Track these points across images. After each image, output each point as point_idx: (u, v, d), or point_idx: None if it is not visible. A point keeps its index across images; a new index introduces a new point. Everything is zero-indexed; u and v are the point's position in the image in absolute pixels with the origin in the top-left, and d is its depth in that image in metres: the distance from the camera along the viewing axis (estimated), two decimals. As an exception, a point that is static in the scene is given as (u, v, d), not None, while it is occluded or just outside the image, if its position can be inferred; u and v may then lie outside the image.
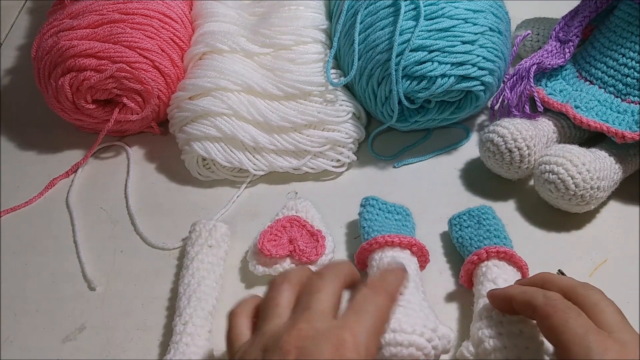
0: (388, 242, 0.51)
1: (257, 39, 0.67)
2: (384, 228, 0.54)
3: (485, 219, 0.55)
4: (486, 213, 0.55)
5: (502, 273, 0.50)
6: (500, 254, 0.51)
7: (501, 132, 0.58)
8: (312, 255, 0.54)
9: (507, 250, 0.51)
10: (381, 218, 0.55)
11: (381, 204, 0.57)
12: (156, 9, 0.66)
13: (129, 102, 0.64)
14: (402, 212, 0.57)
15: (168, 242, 0.59)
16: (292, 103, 0.64)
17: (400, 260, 0.50)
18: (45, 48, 0.63)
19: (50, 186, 0.65)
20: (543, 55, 0.64)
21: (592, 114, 0.61)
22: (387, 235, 0.52)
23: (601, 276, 0.55)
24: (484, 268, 0.50)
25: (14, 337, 0.53)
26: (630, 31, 0.61)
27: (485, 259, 0.51)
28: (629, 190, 0.61)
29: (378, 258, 0.51)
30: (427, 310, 0.46)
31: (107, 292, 0.56)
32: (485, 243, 0.52)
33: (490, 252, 0.51)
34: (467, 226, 0.55)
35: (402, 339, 0.43)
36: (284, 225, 0.56)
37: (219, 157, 0.62)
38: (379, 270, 0.48)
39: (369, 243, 0.52)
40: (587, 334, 0.38)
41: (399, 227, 0.55)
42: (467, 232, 0.54)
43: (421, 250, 0.52)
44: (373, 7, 0.63)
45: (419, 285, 0.49)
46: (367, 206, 0.56)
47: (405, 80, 0.60)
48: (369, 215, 0.55)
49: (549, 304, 0.40)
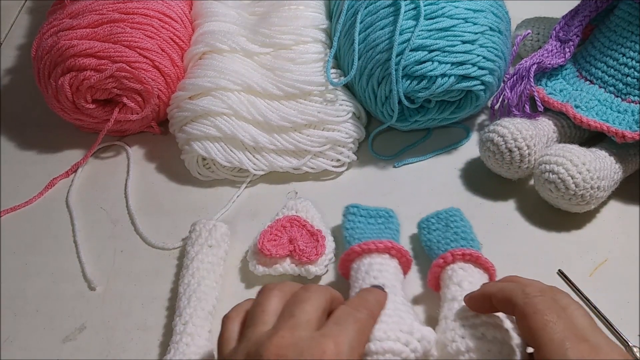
0: (365, 249, 0.51)
1: (257, 39, 0.67)
2: (365, 234, 0.53)
3: (452, 222, 0.54)
4: (454, 215, 0.55)
5: (467, 276, 0.49)
6: (465, 256, 0.50)
7: (501, 132, 0.58)
8: (312, 255, 0.54)
9: (473, 253, 0.50)
10: (362, 224, 0.55)
11: (362, 210, 0.56)
12: (156, 8, 0.66)
13: (129, 102, 0.64)
14: (384, 215, 0.56)
15: (168, 242, 0.59)
16: (292, 103, 0.64)
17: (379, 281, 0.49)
18: (45, 48, 0.63)
19: (50, 186, 0.65)
20: (543, 55, 0.64)
21: (592, 114, 0.60)
22: (363, 243, 0.51)
23: (601, 276, 0.55)
24: (450, 271, 0.50)
25: (14, 337, 0.53)
26: (631, 31, 0.61)
27: (451, 262, 0.50)
28: (629, 190, 0.60)
29: (356, 267, 0.51)
30: (404, 314, 0.45)
31: (107, 292, 0.56)
32: (452, 246, 0.52)
33: (455, 255, 0.50)
34: (435, 229, 0.55)
35: (376, 348, 0.42)
36: (284, 225, 0.56)
37: (219, 157, 0.62)
38: (358, 291, 0.47)
39: (346, 254, 0.52)
40: (565, 340, 0.37)
41: (380, 231, 0.54)
42: (434, 235, 0.54)
43: (400, 252, 0.52)
44: (373, 7, 0.63)
45: (397, 290, 0.48)
46: (347, 215, 0.56)
47: (405, 79, 0.60)
48: (350, 224, 0.55)
49: (529, 303, 0.40)
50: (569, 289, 0.54)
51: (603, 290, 0.54)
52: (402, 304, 0.47)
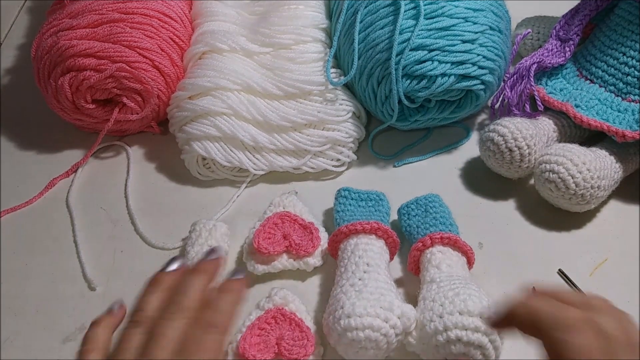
0: (351, 230, 0.52)
1: (257, 38, 0.67)
2: (354, 216, 0.55)
3: (432, 207, 0.56)
4: (433, 201, 0.57)
5: (445, 258, 0.51)
6: (444, 239, 0.52)
7: (501, 131, 0.58)
8: (309, 248, 0.55)
9: (451, 236, 0.52)
10: (352, 207, 0.57)
11: (353, 193, 0.58)
12: (156, 8, 0.66)
13: (129, 101, 0.64)
14: (374, 198, 0.58)
15: (168, 242, 0.59)
16: (292, 102, 0.64)
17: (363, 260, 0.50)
18: (45, 48, 0.63)
19: (50, 186, 0.65)
20: (543, 54, 0.64)
21: (593, 113, 0.60)
22: (350, 224, 0.53)
23: (601, 276, 0.55)
24: (429, 254, 0.51)
25: (14, 337, 0.53)
26: (631, 30, 0.61)
27: (430, 246, 0.52)
28: (629, 189, 0.60)
29: (343, 248, 0.53)
30: (385, 292, 0.47)
31: (107, 292, 0.56)
32: (430, 230, 0.53)
33: (434, 239, 0.52)
34: (415, 215, 0.56)
35: (356, 323, 0.45)
36: (276, 222, 0.56)
37: (219, 157, 0.62)
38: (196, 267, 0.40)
39: (334, 234, 0.53)
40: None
41: (370, 214, 0.56)
42: (414, 221, 0.56)
43: (386, 233, 0.53)
44: (373, 6, 0.63)
45: (381, 268, 0.50)
46: (339, 198, 0.58)
47: (405, 79, 0.60)
48: (341, 206, 0.57)
49: (567, 336, 0.34)
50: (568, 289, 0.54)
51: (603, 290, 0.53)
52: (385, 282, 0.49)
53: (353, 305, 0.45)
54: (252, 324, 0.50)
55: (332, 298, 0.49)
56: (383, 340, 0.45)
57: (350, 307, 0.45)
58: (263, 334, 0.50)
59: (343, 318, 0.45)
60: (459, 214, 0.57)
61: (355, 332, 0.45)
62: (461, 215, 0.57)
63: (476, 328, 0.44)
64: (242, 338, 0.49)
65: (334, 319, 0.46)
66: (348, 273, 0.50)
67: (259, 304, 0.52)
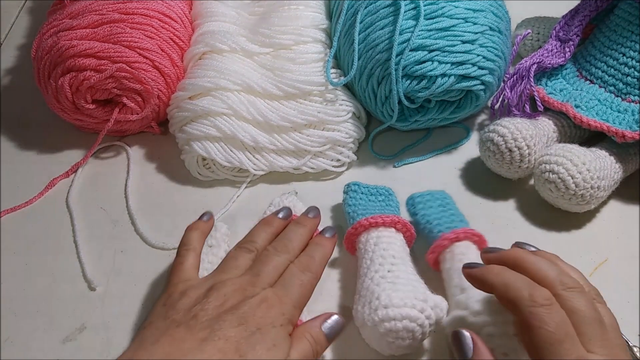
0: (372, 223, 0.52)
1: (257, 39, 0.67)
2: (368, 210, 0.55)
3: (448, 203, 0.57)
4: (447, 198, 0.58)
5: (477, 256, 0.50)
6: (474, 237, 0.52)
7: (501, 132, 0.58)
8: None
9: (481, 236, 0.52)
10: (364, 201, 0.57)
11: (363, 187, 0.58)
12: (156, 8, 0.66)
13: (129, 102, 0.64)
14: (384, 193, 0.58)
15: (168, 242, 0.59)
16: (292, 103, 0.64)
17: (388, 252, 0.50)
18: (45, 48, 0.63)
19: (50, 186, 0.65)
20: (543, 55, 0.64)
21: (593, 114, 0.60)
22: (370, 217, 0.53)
23: (601, 276, 0.55)
24: (460, 248, 0.51)
25: (14, 337, 0.53)
26: (631, 30, 0.61)
27: (461, 239, 0.52)
28: (629, 189, 0.61)
29: (364, 240, 0.52)
30: (416, 283, 0.48)
31: (107, 292, 0.56)
32: (455, 225, 0.53)
33: (467, 233, 0.52)
34: (431, 206, 0.56)
35: (394, 314, 0.45)
36: None
37: (219, 157, 0.62)
38: (313, 239, 0.51)
39: (354, 227, 0.53)
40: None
41: (382, 208, 0.56)
42: (433, 211, 0.56)
43: (405, 227, 0.53)
44: (373, 7, 0.63)
45: (406, 260, 0.50)
46: (349, 192, 0.58)
47: (405, 79, 0.60)
48: (352, 200, 0.57)
49: (536, 315, 0.38)
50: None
51: (603, 290, 0.53)
52: (413, 274, 0.49)
53: (389, 296, 0.46)
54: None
55: (363, 290, 0.48)
56: (419, 330, 0.46)
57: (387, 298, 0.45)
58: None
59: (380, 309, 0.45)
60: (459, 214, 0.57)
61: (393, 322, 0.45)
62: (461, 216, 0.58)
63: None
64: None
65: (370, 309, 0.46)
66: (375, 265, 0.49)
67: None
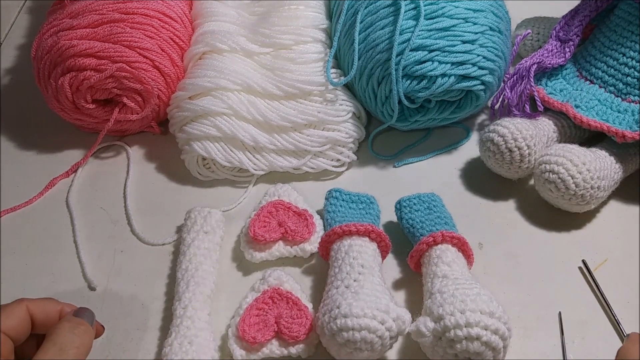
0: (345, 231, 0.52)
1: (257, 39, 0.67)
2: (345, 218, 0.55)
3: (434, 206, 0.57)
4: (435, 201, 0.57)
5: (455, 258, 0.51)
6: (454, 239, 0.52)
7: (501, 132, 0.58)
8: (305, 234, 0.56)
9: (461, 238, 0.52)
10: (343, 209, 0.57)
11: (344, 194, 0.58)
12: (156, 8, 0.66)
13: (129, 102, 0.64)
14: (365, 201, 0.58)
15: (167, 241, 0.59)
16: (292, 103, 0.64)
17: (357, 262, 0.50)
18: (45, 48, 0.63)
19: (50, 186, 0.65)
20: (543, 55, 0.64)
21: (593, 114, 0.60)
22: (344, 225, 0.53)
23: (601, 276, 0.55)
24: (438, 251, 0.51)
25: (14, 337, 0.53)
26: (631, 30, 0.61)
27: (440, 242, 0.52)
28: (629, 190, 0.61)
29: (336, 248, 0.53)
30: (380, 294, 0.47)
31: (107, 292, 0.56)
32: (437, 228, 0.53)
33: (446, 236, 0.52)
34: (417, 210, 0.56)
35: (352, 324, 0.44)
36: (270, 210, 0.57)
37: (219, 157, 0.62)
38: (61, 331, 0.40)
39: (327, 234, 0.53)
40: None
41: (361, 216, 0.56)
42: (417, 215, 0.56)
43: (379, 236, 0.53)
44: (373, 7, 0.63)
45: (374, 271, 0.50)
46: (330, 198, 0.58)
47: (405, 79, 0.60)
48: (332, 207, 0.57)
49: None
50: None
51: (603, 290, 0.54)
52: (379, 285, 0.49)
53: (350, 305, 0.45)
54: (250, 306, 0.51)
55: (327, 298, 0.48)
56: (378, 342, 0.45)
57: (347, 307, 0.45)
58: (261, 314, 0.50)
59: (339, 317, 0.45)
60: (459, 214, 0.57)
61: (351, 332, 0.44)
62: (461, 215, 0.57)
63: (496, 330, 0.44)
64: (241, 320, 0.49)
65: (330, 317, 0.46)
66: (342, 274, 0.49)
67: (254, 286, 0.53)
